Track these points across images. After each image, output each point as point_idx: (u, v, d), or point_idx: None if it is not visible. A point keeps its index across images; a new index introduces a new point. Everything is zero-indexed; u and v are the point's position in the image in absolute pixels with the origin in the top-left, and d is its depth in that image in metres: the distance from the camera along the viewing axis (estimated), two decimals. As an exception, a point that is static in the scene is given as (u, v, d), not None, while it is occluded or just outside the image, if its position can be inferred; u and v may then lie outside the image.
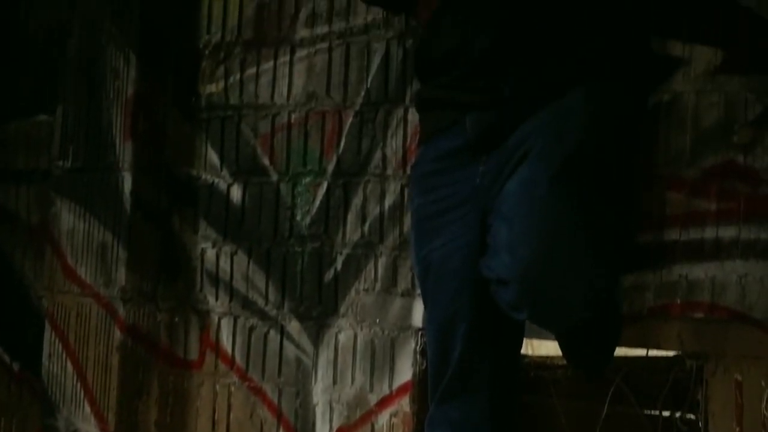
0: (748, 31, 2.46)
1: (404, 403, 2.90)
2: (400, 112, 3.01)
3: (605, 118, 2.21)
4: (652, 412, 2.58)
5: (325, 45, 3.20)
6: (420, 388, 2.82)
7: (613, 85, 2.25)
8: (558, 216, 2.08)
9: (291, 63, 3.28)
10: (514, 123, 2.23)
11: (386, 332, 2.96)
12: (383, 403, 2.96)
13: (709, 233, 2.45)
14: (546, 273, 2.07)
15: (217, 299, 3.37)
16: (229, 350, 3.31)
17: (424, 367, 2.81)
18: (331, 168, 3.15)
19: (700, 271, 2.46)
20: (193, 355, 3.41)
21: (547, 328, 2.25)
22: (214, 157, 3.42)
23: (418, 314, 2.87)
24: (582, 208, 2.12)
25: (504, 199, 2.16)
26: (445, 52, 2.35)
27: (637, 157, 2.43)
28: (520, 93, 2.23)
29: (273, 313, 3.22)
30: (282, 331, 3.20)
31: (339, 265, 3.09)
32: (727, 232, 2.43)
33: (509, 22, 2.24)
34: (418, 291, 2.62)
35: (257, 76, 3.36)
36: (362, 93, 3.10)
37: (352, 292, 3.05)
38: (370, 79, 3.08)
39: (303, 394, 3.14)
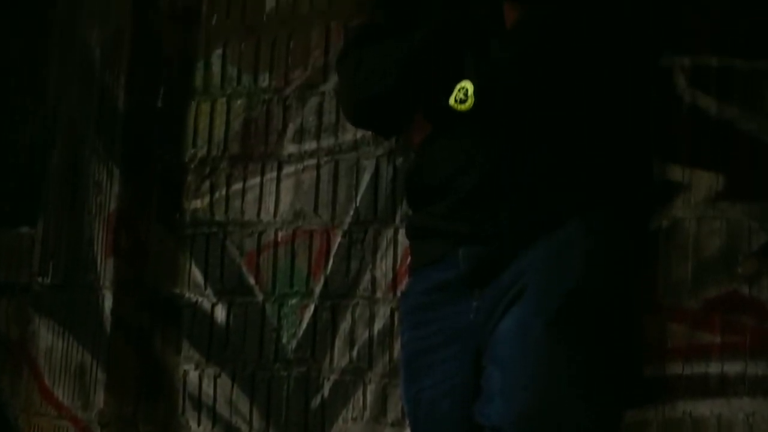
0: (749, 157, 2.38)
1: None
2: (390, 232, 2.92)
3: (605, 253, 2.10)
4: None
5: (313, 161, 3.12)
6: None
7: (612, 216, 2.14)
8: (554, 361, 1.96)
9: (278, 179, 3.20)
10: (509, 256, 2.12)
11: (375, 464, 2.83)
12: None
13: (714, 368, 2.34)
14: (542, 422, 1.95)
15: (199, 424, 3.23)
16: (212, 478, 3.17)
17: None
18: (318, 289, 3.04)
19: (705, 408, 2.34)
20: (175, 482, 3.27)
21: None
22: (198, 275, 3.32)
23: (408, 446, 2.75)
24: (580, 350, 2.00)
25: (498, 341, 2.04)
26: (438, 181, 2.24)
27: (638, 287, 2.32)
28: (515, 225, 2.12)
29: (257, 440, 3.10)
30: (267, 460, 3.07)
31: (326, 391, 2.96)
32: (733, 367, 2.32)
33: (504, 152, 2.15)
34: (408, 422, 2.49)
35: (243, 192, 3.27)
36: (351, 212, 3.01)
37: (340, 420, 2.92)
38: (359, 198, 3.00)
39: None
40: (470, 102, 2.13)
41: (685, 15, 2.50)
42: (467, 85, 2.14)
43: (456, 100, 2.14)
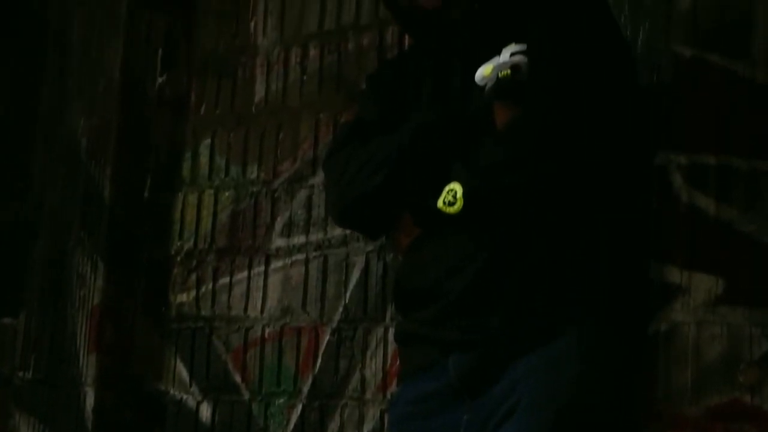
0: (749, 259, 2.30)
1: None
2: (380, 331, 2.84)
3: (600, 366, 2.01)
4: None
5: (301, 256, 3.04)
6: None
7: (608, 325, 2.06)
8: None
9: (266, 274, 3.12)
10: (500, 366, 2.04)
11: None
12: None
13: (717, 480, 2.24)
14: None
15: None
16: None
17: None
18: (306, 389, 2.95)
19: None
20: None
21: None
22: (183, 371, 3.22)
23: None
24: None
25: (490, 460, 1.95)
26: (426, 285, 2.17)
27: (636, 395, 2.23)
28: (506, 334, 2.04)
29: None
30: None
31: (314, 495, 2.86)
32: (736, 480, 2.22)
33: (494, 256, 2.07)
34: None
35: (230, 286, 3.19)
36: (340, 309, 2.93)
37: None
38: (348, 295, 2.92)
39: None
40: (459, 205, 2.06)
41: (682, 111, 2.44)
42: (456, 187, 2.07)
43: (445, 203, 2.07)
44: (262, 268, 3.13)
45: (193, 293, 3.27)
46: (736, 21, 2.39)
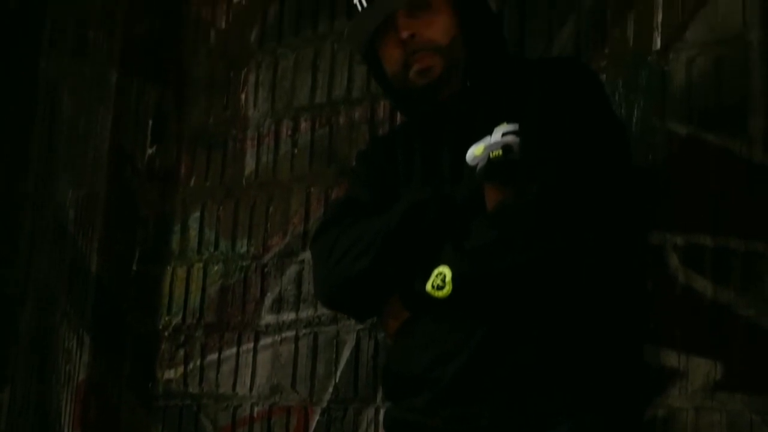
0: (748, 344, 2.24)
1: None
2: (370, 412, 2.77)
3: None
4: None
5: (291, 333, 2.98)
6: None
7: (603, 416, 2.00)
8: None
9: (255, 351, 3.06)
10: (492, 458, 1.97)
11: None
12: None
13: None
14: None
15: None
16: None
17: None
18: (295, 470, 2.87)
19: None
20: None
21: None
22: (170, 450, 3.15)
23: None
24: None
25: None
26: (415, 371, 2.10)
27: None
28: (498, 425, 1.98)
29: None
30: None
31: None
32: None
33: (484, 343, 2.01)
34: None
35: (219, 363, 3.13)
36: (330, 388, 2.86)
37: None
38: (338, 374, 2.85)
39: None
40: (448, 289, 2.01)
41: (678, 190, 2.39)
42: (445, 270, 2.02)
43: (433, 287, 2.02)
44: (252, 344, 3.06)
45: (180, 369, 3.20)
46: (731, 100, 2.34)
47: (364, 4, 2.21)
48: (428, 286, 2.02)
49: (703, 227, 2.34)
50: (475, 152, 2.11)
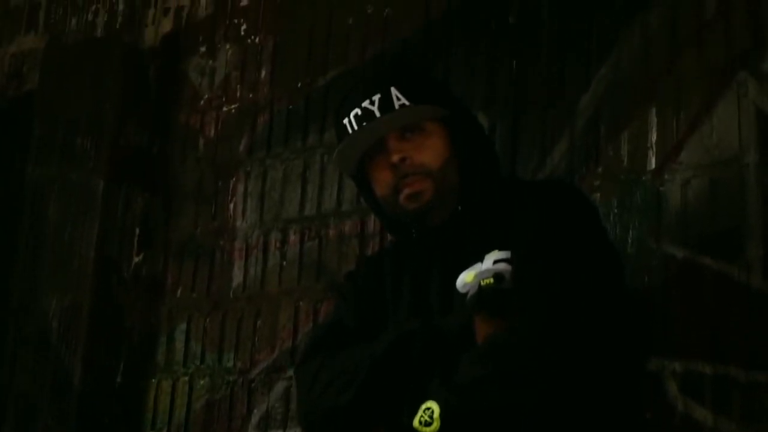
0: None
1: None
2: None
3: None
4: None
5: (281, 446, 2.89)
6: None
7: None
8: None
9: (243, 466, 2.97)
10: None
11: None
12: None
13: None
14: None
15: None
16: None
17: None
18: None
19: None
20: None
21: None
22: None
23: None
24: None
25: None
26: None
27: None
28: None
29: None
30: None
31: None
32: None
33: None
34: None
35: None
36: None
37: None
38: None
39: None
40: (436, 426, 1.93)
41: (675, 315, 2.32)
42: (433, 406, 1.94)
43: (421, 422, 1.95)
44: (240, 461, 2.98)
45: (165, 484, 3.11)
46: (728, 223, 2.29)
47: (355, 126, 2.16)
48: (415, 422, 1.95)
49: (702, 354, 2.28)
50: (465, 279, 2.05)
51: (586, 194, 2.26)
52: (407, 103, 2.15)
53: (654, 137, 2.44)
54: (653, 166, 2.43)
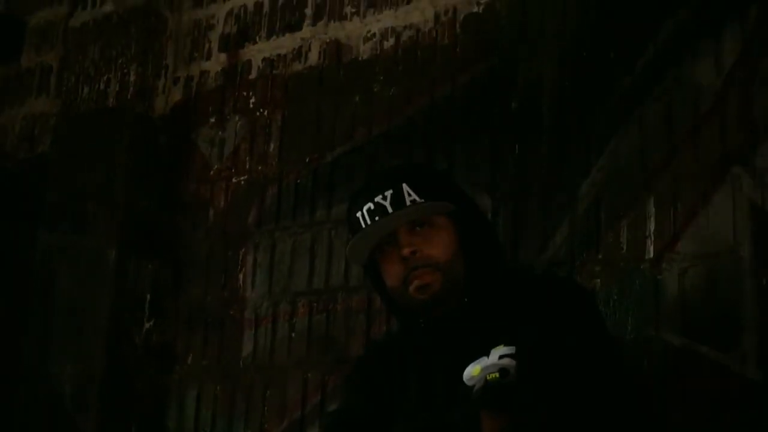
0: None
1: None
2: None
3: None
4: None
5: None
6: None
7: None
8: None
9: None
10: None
11: None
12: None
13: None
14: None
15: None
16: None
17: None
18: None
19: None
20: None
21: None
22: None
23: None
24: None
25: None
26: None
27: None
28: None
29: None
30: None
31: None
32: None
33: None
34: None
35: None
36: None
37: None
38: None
39: None
40: None
41: (674, 401, 2.39)
42: (440, 506, 2.01)
43: None
44: None
45: None
46: (724, 313, 2.36)
47: (368, 221, 2.24)
48: None
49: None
50: (472, 372, 2.10)
51: (585, 288, 2.33)
52: (418, 199, 2.23)
53: (652, 227, 2.52)
54: (651, 254, 2.51)
